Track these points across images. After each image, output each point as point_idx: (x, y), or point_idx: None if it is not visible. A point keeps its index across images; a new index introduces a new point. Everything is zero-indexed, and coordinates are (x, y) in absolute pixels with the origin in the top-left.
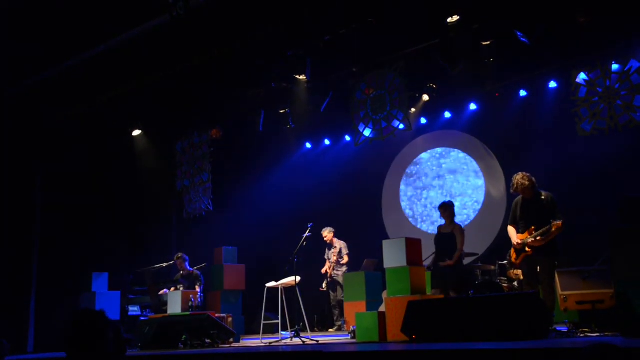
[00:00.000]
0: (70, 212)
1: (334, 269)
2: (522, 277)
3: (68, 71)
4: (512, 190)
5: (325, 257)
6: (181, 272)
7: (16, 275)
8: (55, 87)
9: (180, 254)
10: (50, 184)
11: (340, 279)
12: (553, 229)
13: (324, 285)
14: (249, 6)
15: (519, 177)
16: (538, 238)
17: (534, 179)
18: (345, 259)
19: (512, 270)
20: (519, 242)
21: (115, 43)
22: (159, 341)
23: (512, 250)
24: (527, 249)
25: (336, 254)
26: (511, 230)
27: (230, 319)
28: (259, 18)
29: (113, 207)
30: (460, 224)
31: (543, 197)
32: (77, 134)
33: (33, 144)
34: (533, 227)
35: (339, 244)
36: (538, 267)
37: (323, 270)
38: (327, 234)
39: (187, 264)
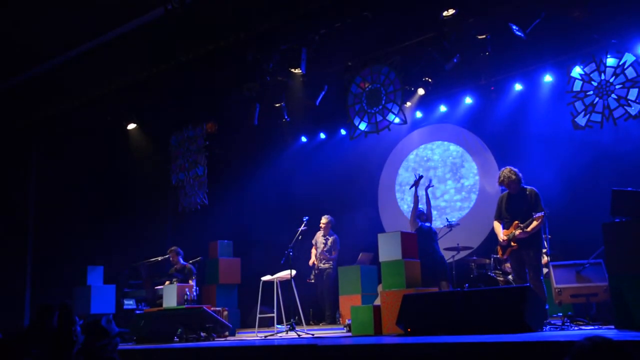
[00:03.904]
0: (65, 205)
1: (321, 261)
2: None
3: (63, 65)
4: (498, 183)
5: (313, 241)
6: (175, 266)
7: (11, 269)
8: (50, 81)
9: (173, 248)
10: (45, 178)
11: (327, 273)
12: (535, 222)
13: (312, 276)
14: (245, 0)
15: (506, 171)
16: (523, 231)
17: (520, 174)
18: (334, 254)
19: (507, 264)
20: (504, 238)
21: (110, 36)
22: (155, 335)
23: (498, 247)
24: (512, 243)
25: (327, 244)
26: (497, 225)
27: (225, 313)
28: (254, 11)
29: (108, 200)
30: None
31: (527, 192)
32: (72, 127)
33: (28, 138)
34: (517, 222)
35: (331, 237)
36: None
37: (310, 262)
38: (325, 220)
39: (180, 257)
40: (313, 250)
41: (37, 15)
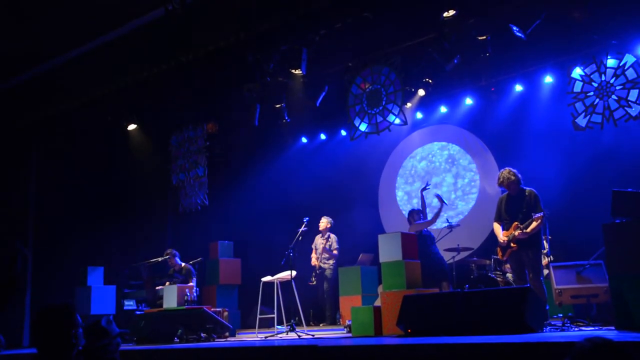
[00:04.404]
0: (65, 205)
1: (321, 261)
2: None
3: (63, 65)
4: (498, 184)
5: (313, 245)
6: (173, 268)
7: (11, 270)
8: (50, 81)
9: (169, 250)
10: (45, 178)
11: (327, 273)
12: (535, 223)
13: (313, 278)
14: (245, 0)
15: (505, 173)
16: (522, 231)
17: (519, 175)
18: (335, 252)
19: (507, 265)
20: (504, 239)
21: (110, 37)
22: (155, 335)
23: (498, 249)
24: (512, 244)
25: (325, 244)
26: (497, 227)
27: (226, 313)
28: (254, 12)
29: (108, 201)
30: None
31: (527, 193)
32: (72, 127)
33: (28, 138)
34: (516, 223)
35: (331, 235)
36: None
37: (312, 263)
38: (326, 222)
39: (177, 259)
40: (313, 255)
41: (37, 15)
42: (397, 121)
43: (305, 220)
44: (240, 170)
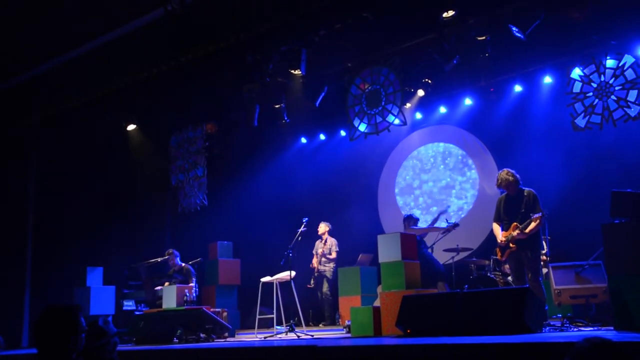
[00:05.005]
0: (65, 205)
1: (321, 264)
2: None
3: (63, 66)
4: (496, 186)
5: (314, 251)
6: (173, 268)
7: (11, 269)
8: (50, 81)
9: (170, 250)
10: (45, 179)
11: (327, 274)
12: (533, 223)
13: (312, 281)
14: (245, 1)
15: (503, 174)
16: (521, 232)
17: (518, 176)
18: (333, 255)
19: (506, 265)
20: (503, 239)
21: (110, 37)
22: (154, 336)
23: (497, 249)
24: (511, 245)
25: (324, 248)
26: (496, 227)
27: (225, 314)
28: (254, 12)
29: (108, 201)
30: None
31: (525, 194)
32: (72, 127)
33: (27, 138)
34: (515, 223)
35: (330, 239)
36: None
37: (312, 265)
38: (324, 227)
39: (177, 259)
40: (314, 259)
41: (37, 15)
42: (397, 121)
43: (304, 220)
44: (240, 171)
